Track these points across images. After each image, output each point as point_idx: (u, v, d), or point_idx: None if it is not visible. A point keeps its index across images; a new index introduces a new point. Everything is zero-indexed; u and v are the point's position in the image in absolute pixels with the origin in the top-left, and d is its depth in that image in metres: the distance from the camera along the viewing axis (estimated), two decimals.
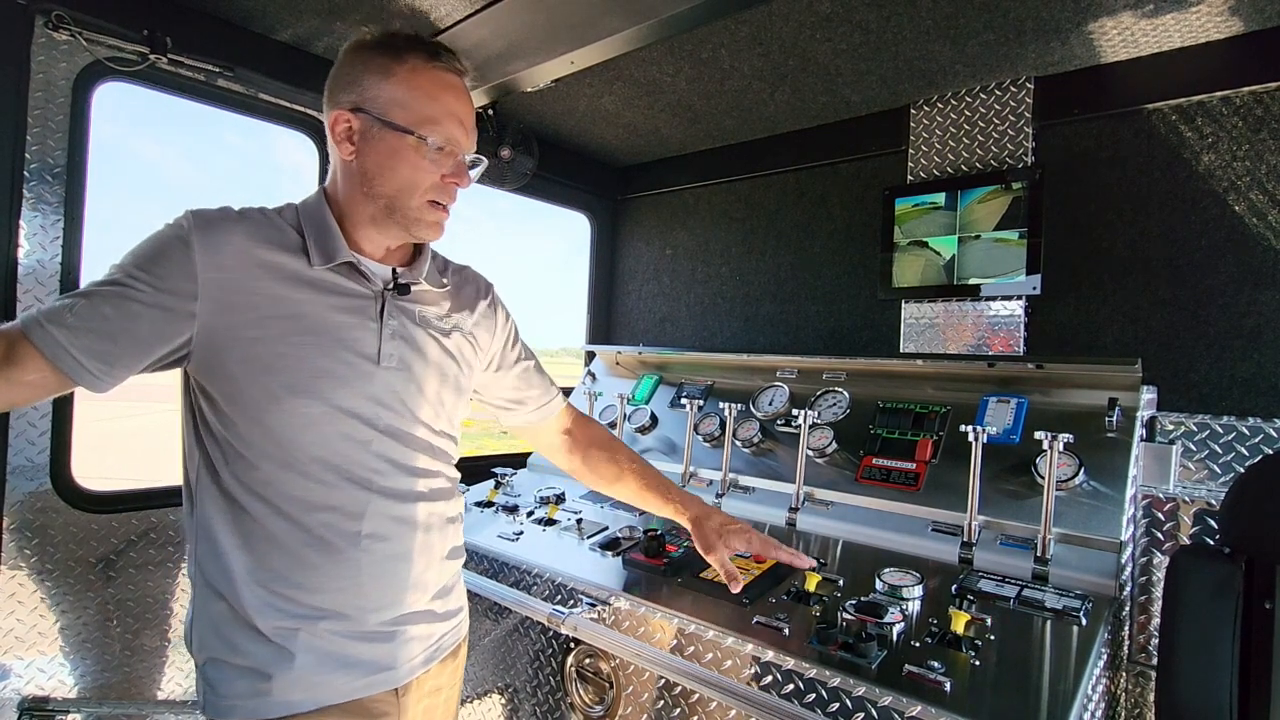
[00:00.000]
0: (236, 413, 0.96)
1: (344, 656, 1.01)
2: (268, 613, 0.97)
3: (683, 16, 1.45)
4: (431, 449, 1.12)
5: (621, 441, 1.50)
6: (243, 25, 1.90)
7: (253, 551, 0.98)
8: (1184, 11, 1.61)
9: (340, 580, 1.00)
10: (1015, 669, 1.12)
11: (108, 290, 0.90)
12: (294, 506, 0.98)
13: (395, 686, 1.06)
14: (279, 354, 0.96)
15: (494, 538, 1.86)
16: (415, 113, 1.00)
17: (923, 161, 2.22)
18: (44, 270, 1.62)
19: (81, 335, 0.87)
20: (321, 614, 0.99)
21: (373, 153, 1.01)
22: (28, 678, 1.65)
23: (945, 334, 2.16)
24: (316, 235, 1.02)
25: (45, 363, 0.86)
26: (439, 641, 1.15)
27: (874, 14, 1.71)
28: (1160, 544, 1.40)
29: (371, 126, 1.00)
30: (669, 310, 3.06)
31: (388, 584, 1.05)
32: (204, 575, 0.99)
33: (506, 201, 4.46)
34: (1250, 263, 1.72)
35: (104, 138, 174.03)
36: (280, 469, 0.97)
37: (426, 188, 1.03)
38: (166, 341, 0.92)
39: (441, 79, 1.03)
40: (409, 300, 1.11)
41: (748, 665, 1.26)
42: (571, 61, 1.71)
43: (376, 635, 1.04)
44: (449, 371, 1.15)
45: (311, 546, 0.99)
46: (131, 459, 12.19)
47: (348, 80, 1.02)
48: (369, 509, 1.02)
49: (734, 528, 1.32)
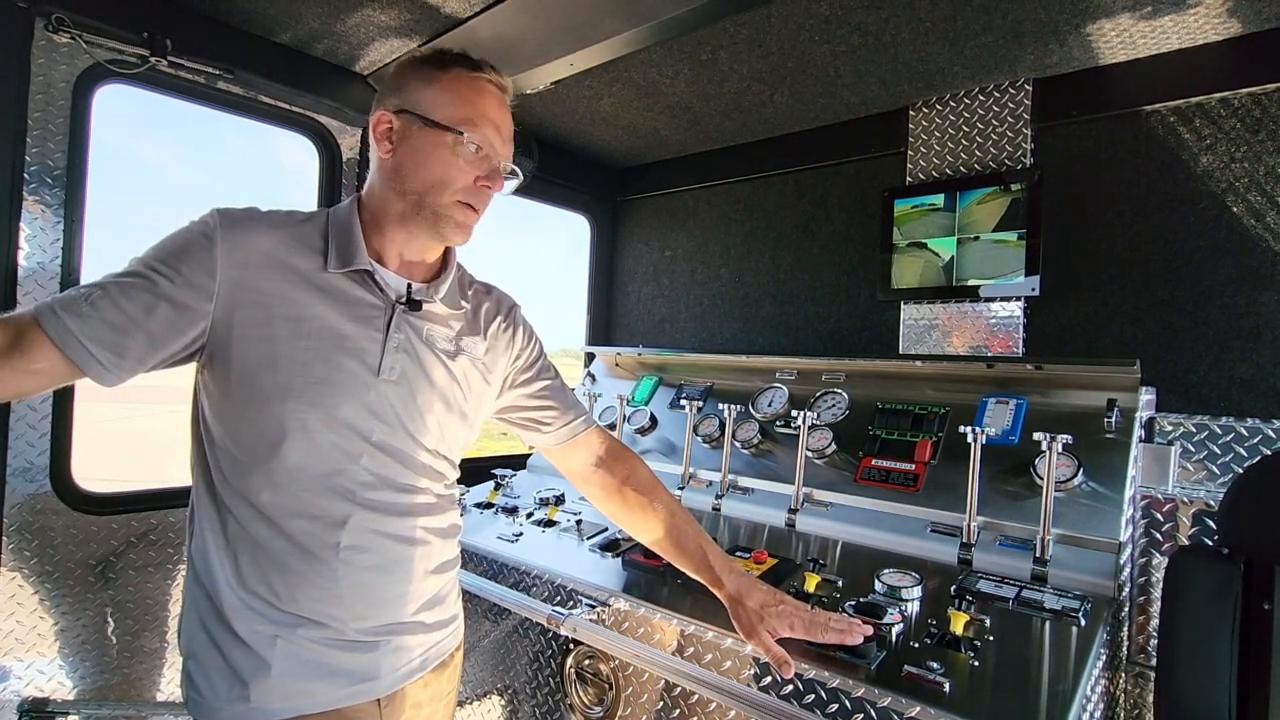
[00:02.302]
0: (231, 411, 0.97)
1: (324, 665, 0.99)
2: (247, 616, 0.96)
3: (682, 19, 1.46)
4: (424, 467, 1.09)
5: (661, 485, 1.37)
6: (242, 28, 1.90)
7: (235, 553, 0.97)
8: (1182, 13, 1.61)
9: (319, 589, 0.99)
10: (1014, 670, 1.12)
11: (126, 282, 0.89)
12: (275, 511, 0.97)
13: (379, 697, 1.04)
14: (279, 355, 0.95)
15: (493, 539, 1.86)
16: (455, 112, 1.02)
17: (921, 163, 2.22)
18: (44, 272, 1.62)
19: (95, 325, 0.86)
20: (299, 621, 0.98)
21: (409, 150, 1.03)
22: (27, 679, 1.65)
23: (944, 335, 2.17)
24: (339, 239, 1.03)
25: (55, 351, 0.85)
26: (428, 652, 1.12)
27: (873, 16, 1.71)
28: (1159, 545, 1.40)
29: (411, 125, 1.03)
30: (668, 311, 3.06)
31: (368, 595, 1.03)
32: (194, 572, 1.00)
33: (505, 203, 4.46)
34: (1249, 264, 1.72)
35: (106, 140, 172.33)
36: (264, 472, 0.96)
37: (459, 187, 1.04)
38: (180, 336, 0.92)
39: (483, 87, 1.06)
40: (419, 317, 1.09)
41: (747, 666, 1.26)
42: (571, 64, 1.72)
43: (358, 645, 1.02)
44: (452, 395, 1.12)
45: (291, 553, 0.97)
46: (130, 460, 12.19)
47: (394, 86, 1.06)
48: (350, 521, 1.00)
49: (778, 609, 1.19)
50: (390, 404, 1.04)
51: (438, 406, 1.10)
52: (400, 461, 1.06)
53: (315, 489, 0.99)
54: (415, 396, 1.07)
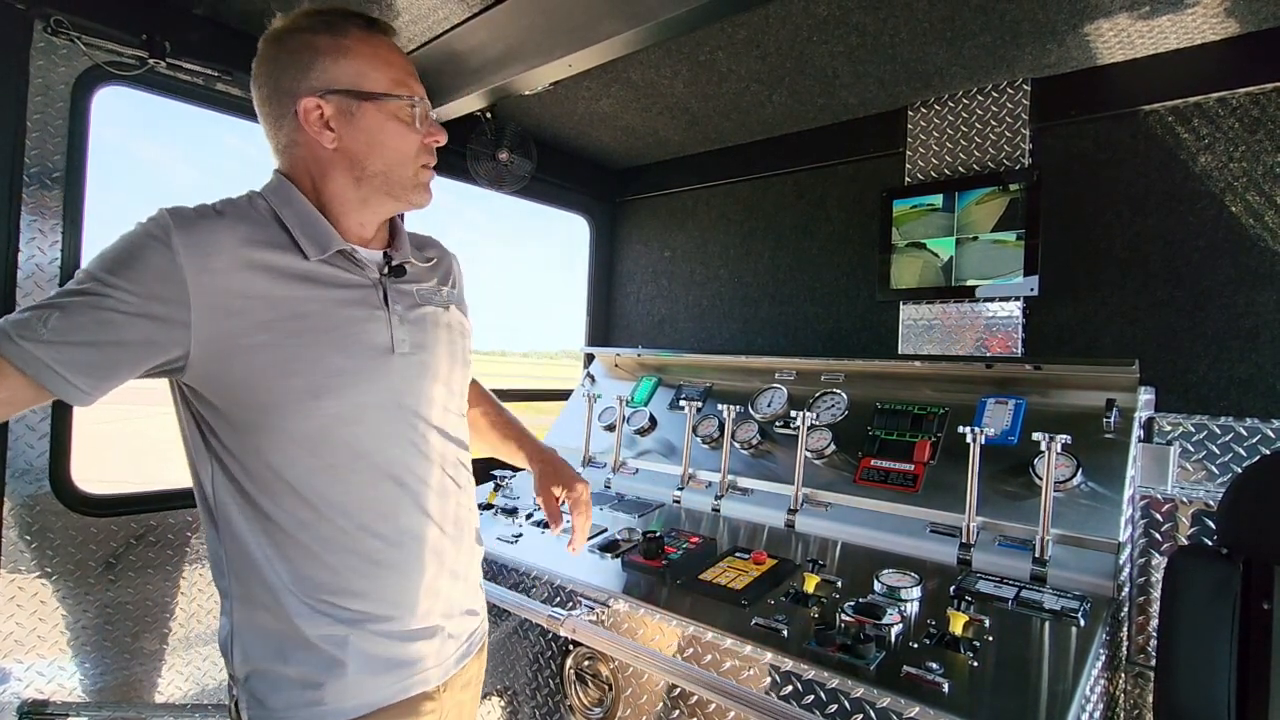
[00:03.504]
0: (253, 423, 0.92)
1: (391, 658, 1.00)
2: (316, 620, 0.95)
3: (680, 19, 1.45)
4: (450, 432, 1.11)
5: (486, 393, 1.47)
6: (241, 29, 1.90)
7: (289, 561, 0.95)
8: (1180, 13, 1.61)
9: (382, 580, 0.99)
10: (1014, 670, 1.12)
11: (80, 300, 0.82)
12: (327, 510, 0.95)
13: (438, 684, 1.06)
14: (292, 357, 0.92)
15: (493, 540, 1.86)
16: (384, 77, 0.98)
17: (920, 163, 2.22)
18: (43, 274, 1.62)
19: (63, 350, 0.81)
20: (367, 617, 0.98)
21: (357, 132, 0.98)
22: (27, 681, 1.65)
23: (943, 335, 2.17)
24: (303, 226, 0.97)
25: (22, 378, 0.81)
26: (470, 637, 1.15)
27: (871, 16, 1.71)
28: (1158, 544, 1.40)
29: (348, 105, 0.97)
30: (668, 312, 3.06)
31: (427, 578, 1.04)
32: (242, 588, 0.96)
33: (506, 204, 4.46)
34: (1247, 263, 1.72)
35: (107, 141, 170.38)
36: (308, 474, 0.94)
37: (416, 152, 1.02)
38: (159, 352, 0.87)
39: (386, 42, 1.02)
40: (406, 281, 1.09)
41: (747, 667, 1.26)
42: (569, 64, 1.71)
43: (420, 634, 1.03)
44: (456, 346, 1.14)
45: (349, 549, 0.96)
46: (129, 461, 12.19)
47: (295, 70, 0.96)
48: (403, 503, 1.01)
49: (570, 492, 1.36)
50: (411, 376, 1.03)
51: (449, 362, 1.11)
52: (431, 430, 1.06)
53: (365, 479, 0.98)
54: (430, 362, 1.07)
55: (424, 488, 1.04)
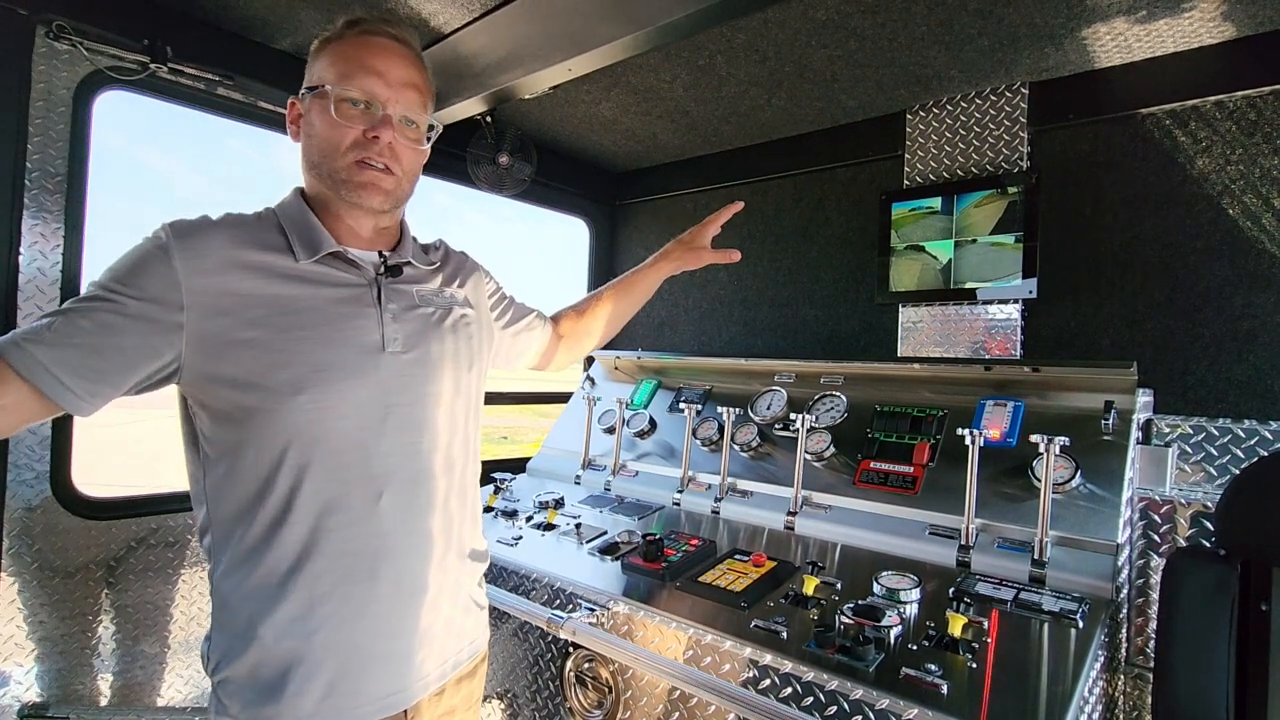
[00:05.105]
0: (242, 419, 0.92)
1: (356, 677, 0.97)
2: (280, 629, 0.94)
3: (680, 24, 1.46)
4: (450, 436, 1.09)
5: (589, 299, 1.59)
6: (242, 34, 1.91)
7: (262, 566, 0.94)
8: (1177, 17, 1.62)
9: (351, 588, 0.97)
10: (1012, 672, 1.12)
11: (86, 306, 0.86)
12: (302, 512, 0.94)
13: (405, 708, 1.03)
14: (277, 351, 0.92)
15: (493, 542, 1.87)
16: (329, 73, 1.00)
17: (919, 166, 2.23)
18: (45, 279, 1.62)
19: (63, 351, 0.82)
20: (336, 628, 0.96)
21: (305, 126, 1.03)
22: (27, 684, 1.65)
23: (942, 338, 2.17)
24: (297, 230, 1.00)
25: (23, 384, 0.81)
26: (453, 658, 1.11)
27: (869, 20, 1.72)
28: (1157, 546, 1.41)
29: (307, 101, 1.02)
30: (667, 315, 3.06)
31: (404, 591, 1.01)
32: (220, 591, 0.96)
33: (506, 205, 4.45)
34: (1245, 266, 1.73)
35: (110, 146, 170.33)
36: (287, 472, 0.93)
37: (348, 145, 0.99)
38: (154, 355, 0.88)
39: (363, 41, 1.01)
40: (404, 282, 1.09)
41: (746, 669, 1.26)
42: (569, 69, 1.72)
43: (390, 655, 1.00)
44: (461, 348, 1.12)
45: (324, 555, 0.95)
46: (128, 463, 12.18)
47: None
48: (383, 505, 0.99)
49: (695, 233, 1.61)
50: (403, 375, 1.03)
51: (451, 364, 1.10)
52: (424, 433, 1.05)
53: (342, 480, 0.97)
54: (426, 361, 1.06)
55: (411, 489, 1.03)
